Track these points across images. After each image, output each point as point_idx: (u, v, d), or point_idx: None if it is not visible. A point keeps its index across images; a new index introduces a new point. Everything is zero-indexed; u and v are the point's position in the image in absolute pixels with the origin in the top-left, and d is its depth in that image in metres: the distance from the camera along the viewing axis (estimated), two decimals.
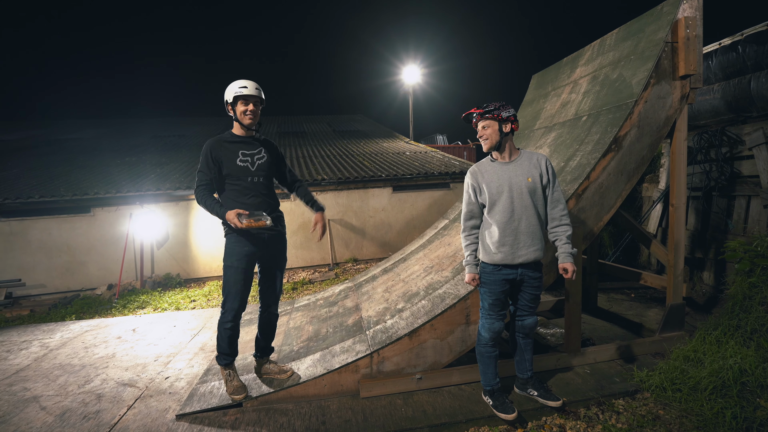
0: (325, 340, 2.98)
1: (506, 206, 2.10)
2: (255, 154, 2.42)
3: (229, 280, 2.37)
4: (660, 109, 2.89)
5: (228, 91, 2.34)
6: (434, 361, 2.63)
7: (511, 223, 2.10)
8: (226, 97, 2.35)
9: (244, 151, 2.39)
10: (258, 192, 2.41)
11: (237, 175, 2.36)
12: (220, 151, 2.35)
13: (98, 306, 5.68)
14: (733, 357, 2.32)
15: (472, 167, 2.27)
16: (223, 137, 2.41)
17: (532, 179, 2.09)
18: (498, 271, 2.16)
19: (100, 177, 7.94)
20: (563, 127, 3.63)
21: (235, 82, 2.34)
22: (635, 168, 2.87)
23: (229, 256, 2.37)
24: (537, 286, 2.21)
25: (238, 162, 2.36)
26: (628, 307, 3.99)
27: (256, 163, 2.41)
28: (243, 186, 2.38)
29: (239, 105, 2.33)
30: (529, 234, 2.11)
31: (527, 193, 2.09)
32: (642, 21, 3.23)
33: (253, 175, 2.39)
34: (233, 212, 2.22)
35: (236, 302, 2.37)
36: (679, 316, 3.02)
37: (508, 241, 2.11)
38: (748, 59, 4.34)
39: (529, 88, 4.91)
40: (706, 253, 4.20)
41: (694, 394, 2.23)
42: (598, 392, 2.44)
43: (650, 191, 5.29)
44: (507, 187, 2.10)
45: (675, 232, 3.00)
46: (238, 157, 2.36)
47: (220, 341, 2.44)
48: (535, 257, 2.13)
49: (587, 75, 3.73)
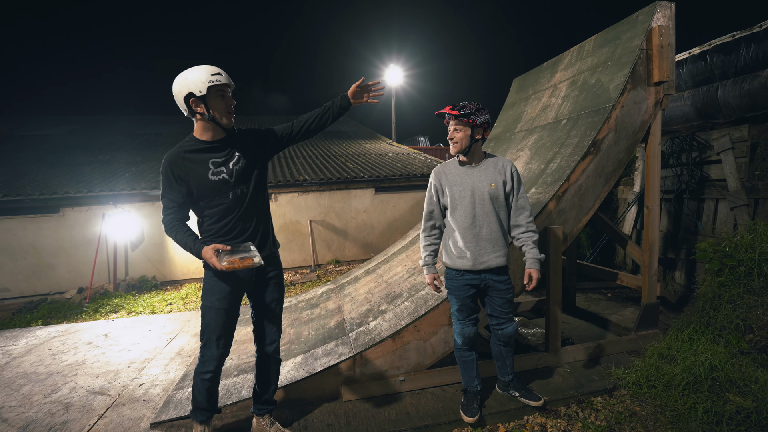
0: (307, 343, 2.93)
1: (468, 211, 2.09)
2: (229, 160, 1.86)
3: (210, 323, 1.91)
4: (636, 113, 2.98)
5: (193, 81, 1.71)
6: (417, 362, 2.62)
7: (472, 228, 2.09)
8: (190, 90, 1.71)
9: (216, 160, 1.84)
10: (246, 209, 1.90)
11: (212, 193, 1.83)
12: (184, 166, 1.79)
13: (67, 310, 5.43)
14: (704, 353, 2.41)
15: (437, 167, 2.25)
16: (184, 147, 1.82)
17: (495, 185, 2.07)
18: (461, 277, 2.16)
19: (71, 176, 7.61)
20: (544, 130, 3.70)
21: (200, 69, 1.75)
22: (613, 171, 2.95)
23: (208, 295, 1.91)
24: (505, 290, 2.15)
25: (210, 176, 1.81)
26: (605, 307, 4.10)
27: (234, 170, 1.86)
28: (224, 206, 1.85)
29: (216, 99, 1.76)
30: (491, 240, 2.09)
31: (489, 200, 2.07)
32: (619, 28, 3.33)
33: (234, 187, 1.87)
34: (210, 249, 1.73)
35: (218, 349, 1.93)
36: (654, 314, 3.11)
37: (470, 247, 2.10)
38: (716, 68, 4.55)
39: (511, 91, 4.98)
40: (678, 253, 4.36)
41: (668, 390, 2.30)
42: (578, 390, 2.49)
43: (626, 194, 5.46)
44: (470, 191, 2.08)
45: (650, 234, 3.09)
46: (209, 169, 1.82)
47: (197, 394, 1.99)
48: (497, 264, 2.11)
49: (567, 79, 3.82)
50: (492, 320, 2.24)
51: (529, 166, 3.44)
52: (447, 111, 2.08)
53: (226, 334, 1.96)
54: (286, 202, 7.51)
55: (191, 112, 1.78)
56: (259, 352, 2.13)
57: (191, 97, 1.74)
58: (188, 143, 1.84)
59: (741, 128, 4.01)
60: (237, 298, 1.97)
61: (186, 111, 1.79)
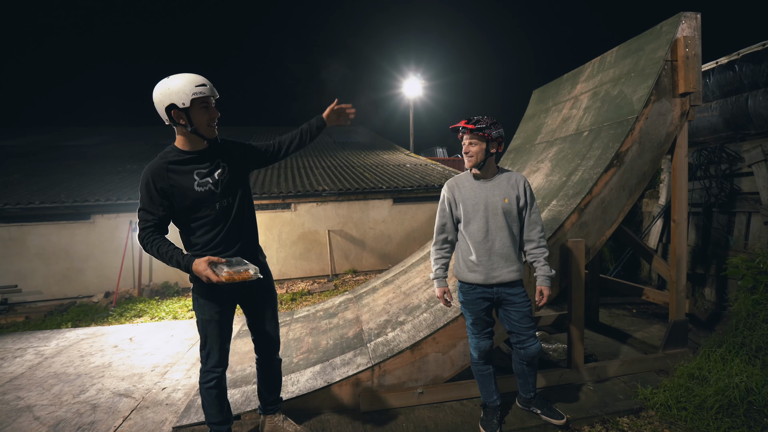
0: (326, 352, 2.95)
1: (481, 225, 2.09)
2: (214, 170, 1.83)
3: (209, 335, 1.90)
4: (661, 125, 2.93)
5: (175, 91, 1.66)
6: (436, 375, 2.59)
7: (485, 242, 2.09)
8: (171, 101, 1.67)
9: (200, 170, 1.80)
10: (233, 220, 1.87)
11: (198, 205, 1.79)
12: (167, 178, 1.74)
13: (95, 314, 5.62)
14: (739, 375, 2.30)
15: (450, 180, 2.25)
16: (166, 158, 1.77)
17: (509, 200, 2.07)
18: (473, 290, 2.16)
19: (101, 184, 7.95)
20: (564, 142, 3.67)
21: (182, 78, 1.69)
22: (637, 183, 2.89)
23: (204, 309, 1.89)
24: (520, 303, 2.11)
25: (196, 188, 1.77)
26: (630, 323, 3.97)
27: (219, 181, 1.83)
28: (211, 217, 1.82)
29: (199, 111, 1.72)
30: (503, 255, 2.08)
31: (502, 214, 2.07)
32: (642, 39, 3.29)
33: (221, 198, 1.84)
34: (203, 261, 1.66)
35: (219, 357, 1.93)
36: (683, 332, 3.00)
37: (483, 261, 2.09)
38: (745, 78, 4.42)
39: (530, 102, 4.96)
40: (708, 269, 4.19)
41: (700, 412, 2.20)
42: (602, 409, 2.41)
43: (650, 206, 5.31)
44: (483, 206, 2.08)
45: (677, 248, 3.00)
46: (194, 180, 1.78)
47: (208, 407, 1.97)
48: (510, 278, 2.09)
49: (588, 91, 3.78)
50: (513, 337, 2.19)
51: (549, 178, 3.41)
52: (462, 125, 2.09)
53: (225, 342, 1.97)
54: (305, 211, 7.62)
55: (172, 122, 1.74)
56: (262, 357, 2.16)
57: (173, 108, 1.69)
58: (171, 154, 1.79)
59: None
60: (232, 308, 2.00)
61: (167, 120, 1.75)
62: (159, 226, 1.77)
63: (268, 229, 7.40)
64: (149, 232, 1.74)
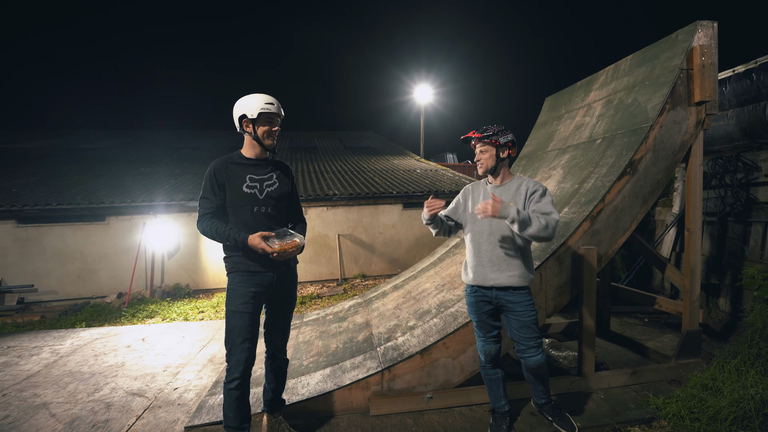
0: (335, 356, 2.97)
1: (483, 228, 2.15)
2: (265, 180, 2.08)
3: (235, 327, 1.97)
4: (675, 134, 2.91)
5: (248, 105, 2.00)
6: (445, 380, 2.59)
7: (486, 245, 2.13)
8: (243, 112, 2.00)
9: (253, 176, 2.05)
10: (264, 227, 2.02)
11: (239, 203, 2.01)
12: (226, 174, 2.02)
13: (108, 314, 5.72)
14: (755, 387, 2.26)
15: (468, 185, 2.35)
16: (231, 158, 2.07)
17: (514, 204, 2.05)
18: (474, 292, 2.21)
19: (115, 186, 8.11)
20: (577, 150, 3.66)
21: (257, 97, 2.02)
22: (650, 192, 2.87)
23: (234, 300, 1.99)
24: (520, 312, 2.09)
25: (244, 188, 2.01)
26: (641, 332, 3.92)
27: (265, 190, 2.06)
28: (244, 218, 2.01)
29: (263, 124, 2.02)
30: (503, 258, 2.09)
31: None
32: (657, 48, 3.29)
33: (260, 204, 2.04)
34: (257, 236, 1.89)
35: (245, 353, 1.96)
36: (696, 342, 2.96)
37: (483, 262, 2.13)
38: (762, 86, 4.37)
39: (543, 110, 4.96)
40: (722, 279, 4.13)
41: (713, 424, 2.17)
42: (613, 418, 2.38)
43: (663, 215, 5.25)
44: None
45: (691, 257, 2.96)
46: (245, 182, 2.02)
47: (227, 409, 1.99)
48: (509, 283, 2.08)
49: (601, 99, 3.78)
50: (516, 346, 2.20)
51: (561, 185, 3.40)
52: (471, 135, 2.19)
53: (252, 338, 1.99)
54: (315, 215, 7.68)
55: (242, 129, 2.07)
56: (272, 355, 2.23)
57: (244, 118, 2.03)
58: (235, 157, 2.09)
59: None
60: (260, 303, 2.07)
61: (238, 128, 2.08)
62: (216, 213, 2.02)
63: None
64: (208, 216, 2.00)
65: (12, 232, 6.60)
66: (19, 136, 14.70)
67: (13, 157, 11.25)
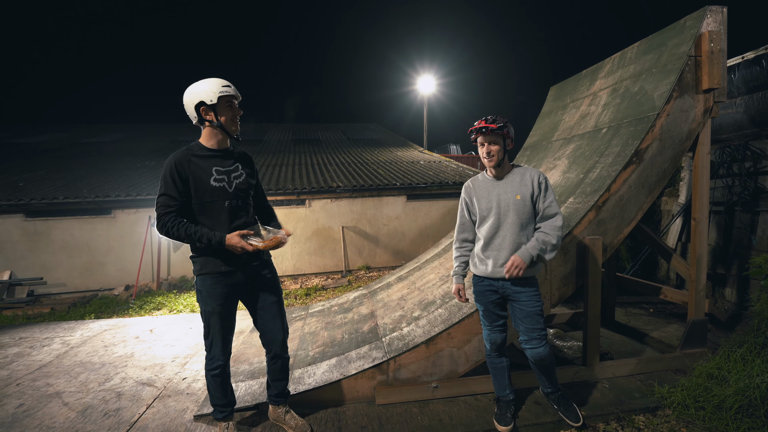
0: (341, 346, 3.00)
1: (493, 222, 2.11)
2: (232, 171, 1.97)
3: (214, 325, 1.99)
4: (683, 122, 2.87)
5: (204, 90, 1.86)
6: (450, 370, 2.62)
7: (496, 238, 2.12)
8: (201, 99, 1.85)
9: (219, 168, 1.93)
10: (238, 221, 1.97)
11: (209, 199, 1.90)
12: (189, 169, 1.87)
13: (116, 306, 5.80)
14: (761, 376, 2.25)
15: (467, 182, 2.29)
16: (191, 150, 1.92)
17: (521, 196, 2.07)
18: (481, 282, 2.21)
19: (121, 180, 8.16)
20: (582, 139, 3.63)
21: (210, 81, 1.89)
22: (657, 181, 2.85)
23: (207, 301, 1.97)
24: (525, 302, 2.10)
25: (212, 182, 1.89)
26: (646, 322, 3.92)
27: (233, 182, 1.96)
28: (216, 214, 1.92)
29: (225, 109, 1.90)
30: (512, 251, 2.08)
31: (513, 211, 2.07)
32: (664, 35, 3.23)
33: (230, 198, 1.94)
34: (235, 235, 1.83)
35: (222, 347, 2.04)
36: (701, 332, 2.95)
37: (492, 255, 2.12)
38: None
39: (547, 99, 4.91)
40: (729, 269, 4.11)
41: (718, 412, 2.18)
42: (618, 407, 2.40)
43: (669, 205, 5.21)
44: (495, 203, 2.10)
45: (697, 247, 2.95)
46: (212, 175, 1.90)
47: (212, 390, 2.11)
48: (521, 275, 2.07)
49: (607, 87, 3.73)
50: (520, 336, 2.19)
51: (567, 175, 3.38)
52: (483, 125, 2.05)
53: (229, 334, 2.06)
54: (320, 207, 7.70)
55: (200, 119, 1.92)
56: (273, 356, 2.19)
57: (202, 105, 1.88)
58: (195, 148, 1.95)
59: None
60: (235, 301, 2.07)
61: (195, 119, 1.93)
62: (180, 211, 1.88)
63: (283, 225, 7.49)
64: (172, 216, 1.85)
65: (20, 226, 6.68)
66: (23, 131, 14.79)
67: (20, 150, 11.34)
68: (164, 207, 1.84)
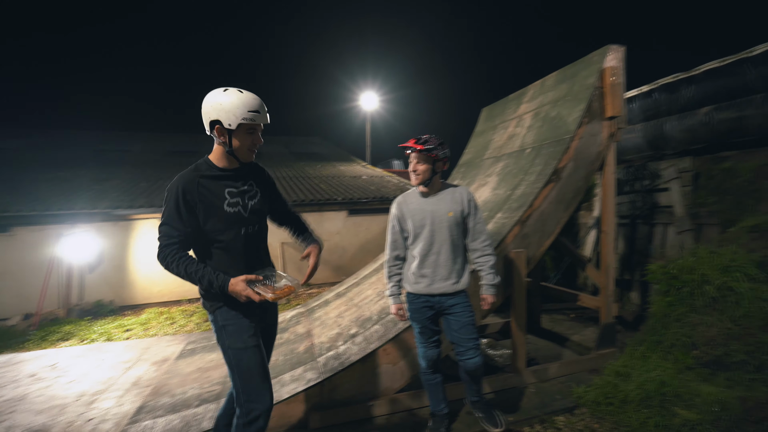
0: (274, 369, 2.85)
1: (427, 239, 2.16)
2: (246, 192, 1.70)
3: (252, 365, 1.64)
4: (592, 145, 3.21)
5: (224, 109, 1.55)
6: (387, 386, 2.60)
7: (430, 255, 2.17)
8: (217, 117, 1.57)
9: (232, 189, 1.66)
10: (253, 249, 1.72)
11: (223, 227, 1.63)
12: (198, 192, 1.59)
13: (9, 339, 5.01)
14: (656, 370, 2.54)
15: (398, 198, 2.31)
16: (199, 170, 1.64)
17: (453, 213, 2.16)
18: (417, 299, 2.22)
19: (25, 192, 7.18)
20: (510, 158, 3.90)
21: (239, 98, 1.57)
22: (572, 197, 3.13)
23: (236, 336, 1.64)
24: (460, 312, 2.18)
25: (225, 207, 1.63)
26: (568, 327, 4.24)
27: (248, 204, 1.70)
28: (233, 243, 1.65)
29: (244, 134, 1.62)
30: (447, 267, 2.16)
31: (446, 228, 2.15)
32: (576, 67, 3.61)
33: (247, 224, 1.69)
34: (241, 281, 1.54)
35: (267, 393, 1.67)
36: (612, 333, 3.26)
37: (427, 272, 2.17)
38: (662, 105, 4.97)
39: (479, 120, 5.23)
40: (633, 275, 4.61)
41: (624, 406, 2.40)
42: (541, 410, 2.54)
43: (586, 218, 5.75)
44: (429, 220, 2.16)
45: (606, 256, 3.27)
46: (225, 199, 1.63)
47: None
48: (453, 289, 2.18)
49: (530, 111, 4.06)
50: (455, 348, 2.25)
51: (496, 191, 3.60)
52: (411, 144, 2.12)
53: (268, 375, 1.71)
54: None
55: (212, 134, 1.64)
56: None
57: (217, 124, 1.59)
58: (203, 167, 1.65)
59: (685, 160, 4.37)
60: (260, 332, 1.76)
61: (208, 132, 1.65)
62: (183, 243, 1.59)
63: None
64: (174, 249, 1.56)
65: None
66: None
67: None
68: (166, 237, 1.57)
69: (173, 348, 3.83)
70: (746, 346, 2.55)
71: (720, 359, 2.60)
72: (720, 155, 4.38)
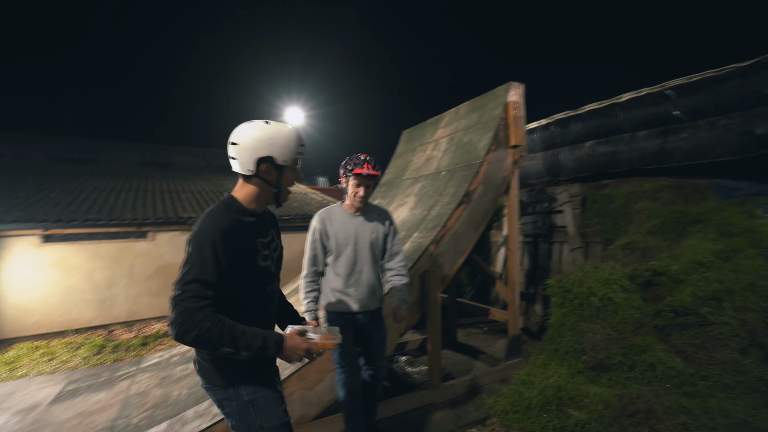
0: (176, 406, 2.56)
1: (350, 257, 2.17)
2: (270, 243, 1.47)
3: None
4: (499, 170, 3.52)
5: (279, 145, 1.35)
6: (302, 414, 2.48)
7: (353, 274, 2.18)
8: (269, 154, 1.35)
9: (262, 239, 1.41)
10: (273, 311, 1.53)
11: (252, 284, 1.38)
12: (239, 242, 1.31)
13: None
14: (553, 376, 2.80)
15: (321, 212, 2.25)
16: (231, 211, 1.35)
17: (376, 234, 2.22)
18: (340, 317, 2.19)
19: None
20: (427, 180, 4.10)
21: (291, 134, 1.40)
22: (482, 218, 3.38)
23: (270, 412, 1.37)
24: (379, 330, 2.28)
25: (260, 262, 1.38)
26: (482, 340, 4.50)
27: (274, 257, 1.49)
28: (257, 303, 1.41)
29: (292, 173, 1.44)
30: (369, 285, 2.20)
31: (369, 247, 2.20)
32: (485, 98, 3.97)
33: (273, 281, 1.49)
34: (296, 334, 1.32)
35: None
36: (518, 344, 3.54)
37: (350, 291, 2.18)
38: (557, 137, 5.68)
39: (400, 141, 5.45)
40: (537, 289, 5.09)
41: (528, 413, 2.59)
42: (456, 424, 2.63)
43: (497, 237, 6.25)
44: (353, 239, 2.18)
45: (512, 273, 3.57)
46: (258, 251, 1.38)
47: None
48: (375, 306, 2.25)
49: (446, 136, 4.35)
50: (368, 364, 2.30)
51: (413, 211, 3.74)
52: (371, 172, 2.10)
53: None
54: (166, 242, 6.71)
55: (255, 172, 1.36)
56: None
57: (267, 161, 1.35)
58: (234, 209, 1.36)
59: (575, 185, 5.02)
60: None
61: (245, 168, 1.35)
62: (216, 304, 1.24)
63: (116, 262, 6.26)
64: (208, 311, 1.20)
65: None
66: None
67: None
68: (197, 299, 1.19)
69: (47, 390, 3.23)
70: (622, 349, 2.95)
71: (603, 362, 2.96)
72: (601, 183, 5.11)
